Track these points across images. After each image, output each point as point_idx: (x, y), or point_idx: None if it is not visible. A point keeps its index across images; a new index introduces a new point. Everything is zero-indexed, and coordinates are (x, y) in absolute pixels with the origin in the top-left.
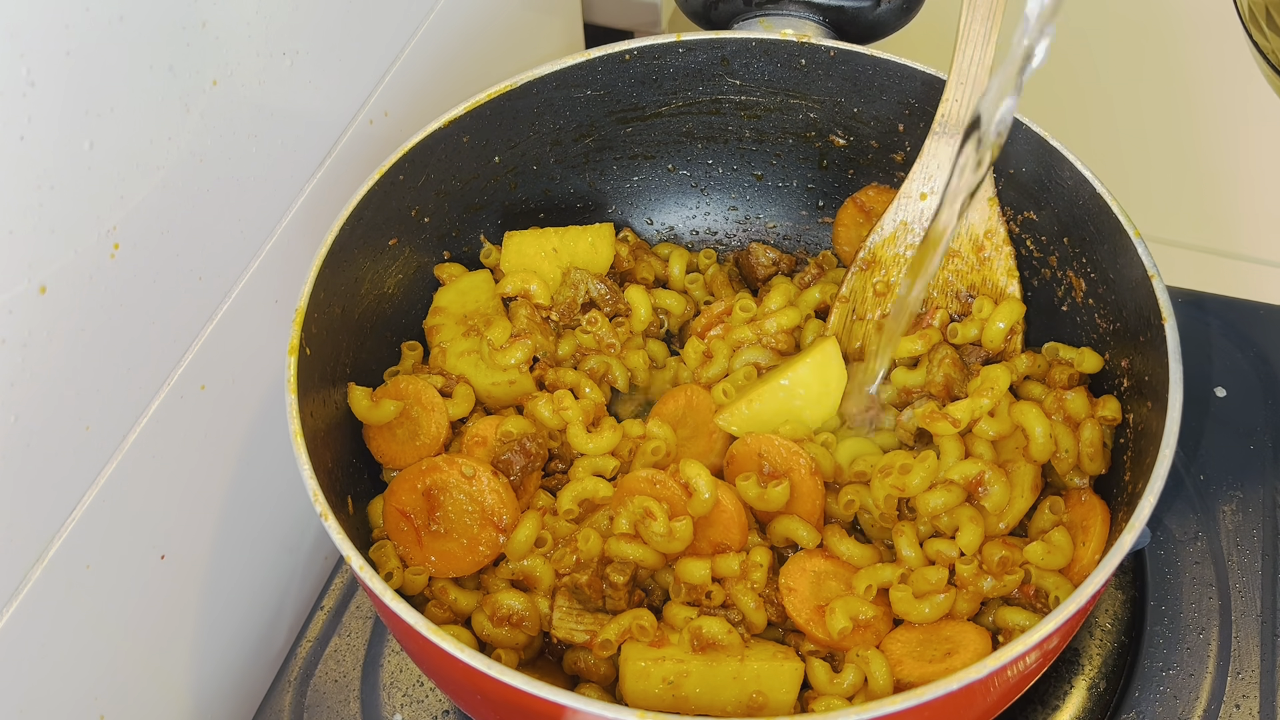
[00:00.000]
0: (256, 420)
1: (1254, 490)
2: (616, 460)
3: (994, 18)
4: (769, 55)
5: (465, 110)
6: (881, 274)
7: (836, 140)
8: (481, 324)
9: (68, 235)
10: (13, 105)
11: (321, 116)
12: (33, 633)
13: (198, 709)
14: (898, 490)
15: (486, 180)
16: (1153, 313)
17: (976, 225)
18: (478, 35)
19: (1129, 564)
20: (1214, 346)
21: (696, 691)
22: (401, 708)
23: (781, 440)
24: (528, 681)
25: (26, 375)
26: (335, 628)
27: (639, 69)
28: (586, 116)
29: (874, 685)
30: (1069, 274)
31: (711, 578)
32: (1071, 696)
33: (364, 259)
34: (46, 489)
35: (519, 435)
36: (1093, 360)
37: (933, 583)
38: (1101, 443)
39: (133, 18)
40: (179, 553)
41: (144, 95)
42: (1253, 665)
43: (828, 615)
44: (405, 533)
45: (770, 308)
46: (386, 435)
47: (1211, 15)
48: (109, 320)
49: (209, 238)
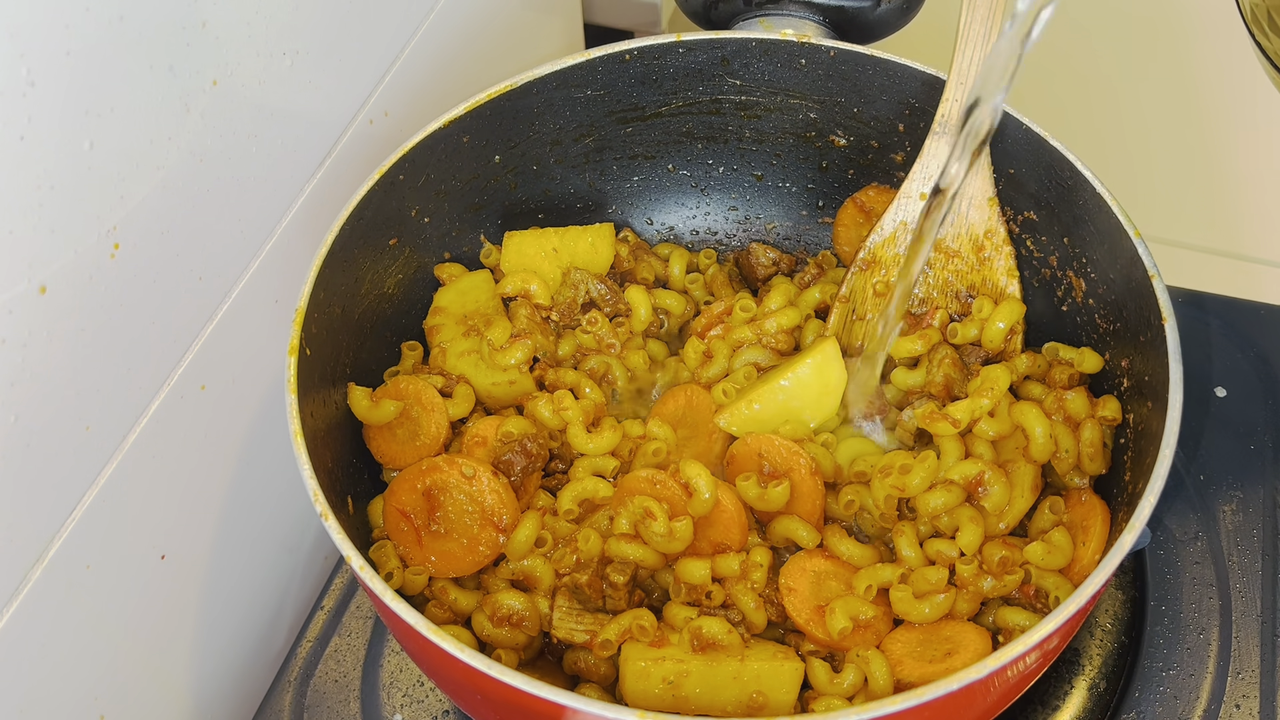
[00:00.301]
0: (256, 420)
1: (1254, 490)
2: (616, 460)
3: (994, 18)
4: (769, 55)
5: (465, 110)
6: (881, 274)
7: (836, 140)
8: (481, 324)
9: (68, 235)
10: (13, 105)
11: (321, 116)
12: (33, 633)
13: (198, 709)
14: (898, 491)
15: (486, 180)
16: (1153, 313)
17: (976, 225)
18: (478, 35)
19: (1129, 564)
20: (1214, 346)
21: (696, 691)
22: (401, 708)
23: (781, 440)
24: (528, 681)
25: (26, 375)
26: (335, 628)
27: (639, 69)
28: (586, 116)
29: (874, 685)
30: (1069, 274)
31: (711, 578)
32: (1071, 696)
33: (364, 259)
34: (46, 489)
35: (519, 436)
36: (1093, 360)
37: (933, 583)
38: (1101, 443)
39: (133, 18)
40: (179, 553)
41: (144, 95)
42: (1253, 665)
43: (828, 615)
44: (405, 533)
45: (770, 308)
46: (386, 435)
47: (1213, 14)
48: (109, 320)
49: (209, 238)
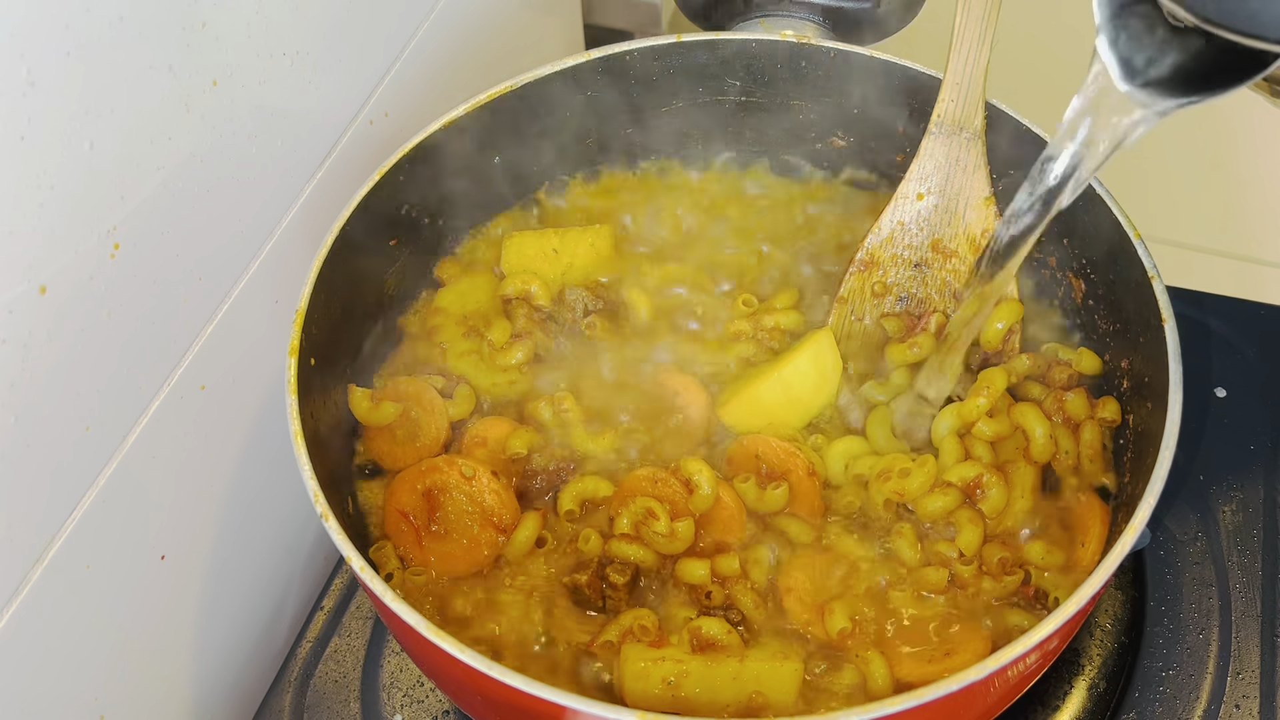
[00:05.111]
0: (256, 420)
1: (1254, 490)
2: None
3: (989, 19)
4: (769, 56)
5: (465, 110)
6: (879, 274)
7: (836, 141)
8: (481, 324)
9: (68, 235)
10: (13, 105)
11: (321, 116)
12: (33, 633)
13: (198, 709)
14: (898, 496)
15: (486, 180)
16: (1153, 313)
17: (974, 225)
18: (478, 35)
19: (1129, 564)
20: (1214, 346)
21: (696, 692)
22: (401, 708)
23: (779, 442)
24: (528, 682)
25: (26, 375)
26: (335, 628)
27: (639, 69)
28: (587, 117)
29: (874, 685)
30: (1069, 274)
31: (711, 578)
32: (1071, 696)
33: (364, 259)
34: (46, 489)
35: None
36: (1092, 361)
37: (932, 583)
38: (1101, 444)
39: (133, 18)
40: (179, 553)
41: (144, 95)
42: (1253, 665)
43: (827, 615)
44: (405, 533)
45: (775, 306)
46: (387, 436)
47: None
48: (109, 320)
49: (209, 238)
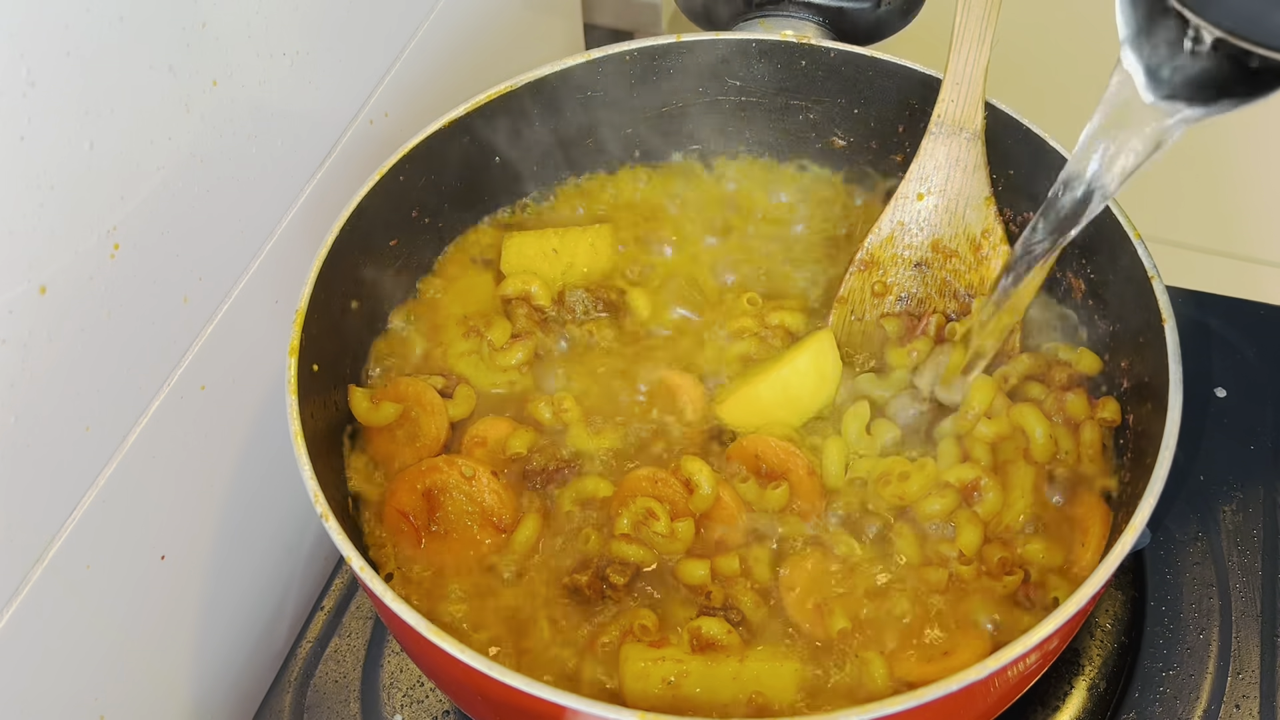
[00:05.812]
0: (256, 420)
1: (1254, 490)
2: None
3: (989, 19)
4: (769, 56)
5: (465, 110)
6: (880, 274)
7: (836, 141)
8: (481, 324)
9: (68, 235)
10: (13, 105)
11: (321, 116)
12: (33, 632)
13: (198, 709)
14: (898, 500)
15: (486, 180)
16: (1153, 313)
17: (974, 225)
18: (478, 35)
19: (1129, 564)
20: (1214, 346)
21: (696, 691)
22: (401, 708)
23: (778, 442)
24: (528, 682)
25: (26, 375)
26: (335, 628)
27: (639, 69)
28: (587, 117)
29: (874, 685)
30: (1068, 275)
31: (711, 577)
32: (1071, 697)
33: (364, 259)
34: (46, 489)
35: (528, 453)
36: (1092, 361)
37: (932, 583)
38: (1101, 444)
39: (133, 18)
40: (179, 553)
41: (144, 95)
42: (1253, 665)
43: (827, 615)
44: (405, 533)
45: (783, 304)
46: (386, 436)
47: None
48: (109, 320)
49: (209, 238)
